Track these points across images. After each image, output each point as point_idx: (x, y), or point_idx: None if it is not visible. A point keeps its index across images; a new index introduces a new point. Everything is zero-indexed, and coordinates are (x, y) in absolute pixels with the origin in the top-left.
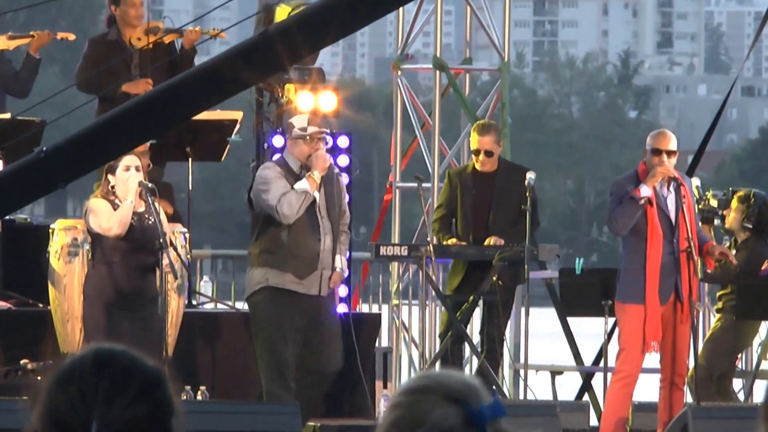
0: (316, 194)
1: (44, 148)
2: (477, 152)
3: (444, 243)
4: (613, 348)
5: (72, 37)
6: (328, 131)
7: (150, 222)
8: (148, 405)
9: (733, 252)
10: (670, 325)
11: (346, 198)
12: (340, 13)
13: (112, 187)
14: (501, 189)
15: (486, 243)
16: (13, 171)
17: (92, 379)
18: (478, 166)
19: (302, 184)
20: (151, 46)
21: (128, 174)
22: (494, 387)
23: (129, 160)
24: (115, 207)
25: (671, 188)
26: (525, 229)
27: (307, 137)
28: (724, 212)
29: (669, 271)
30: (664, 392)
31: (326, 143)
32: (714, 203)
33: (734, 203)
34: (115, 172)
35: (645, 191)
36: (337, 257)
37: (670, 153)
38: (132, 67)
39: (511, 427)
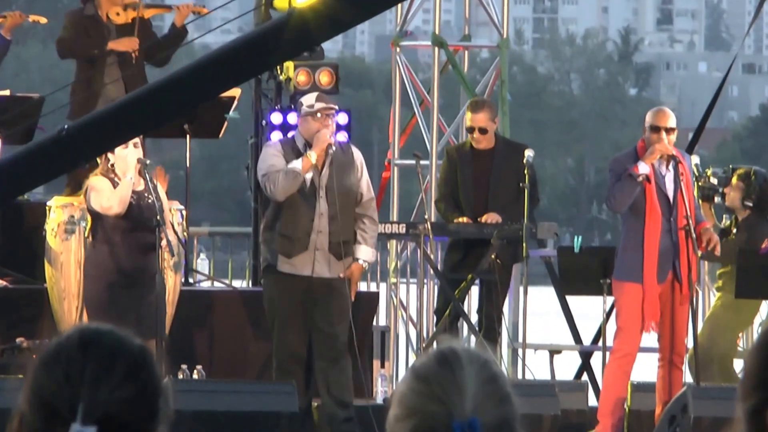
0: (308, 175)
1: (66, 126)
2: (471, 130)
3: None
4: (612, 327)
5: (44, 20)
6: (337, 108)
7: (149, 200)
8: (134, 386)
9: (734, 230)
10: (668, 304)
11: (365, 181)
12: None
13: (112, 165)
14: (499, 166)
15: (483, 219)
16: (35, 148)
17: (78, 361)
18: (474, 144)
19: (295, 163)
20: (130, 20)
21: (126, 151)
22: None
23: None
24: (114, 185)
25: (670, 166)
26: (524, 207)
27: (317, 114)
28: (725, 190)
29: (667, 249)
30: (663, 372)
31: (334, 119)
32: (714, 181)
33: (734, 181)
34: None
35: (643, 168)
36: (360, 247)
37: (668, 130)
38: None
39: None
